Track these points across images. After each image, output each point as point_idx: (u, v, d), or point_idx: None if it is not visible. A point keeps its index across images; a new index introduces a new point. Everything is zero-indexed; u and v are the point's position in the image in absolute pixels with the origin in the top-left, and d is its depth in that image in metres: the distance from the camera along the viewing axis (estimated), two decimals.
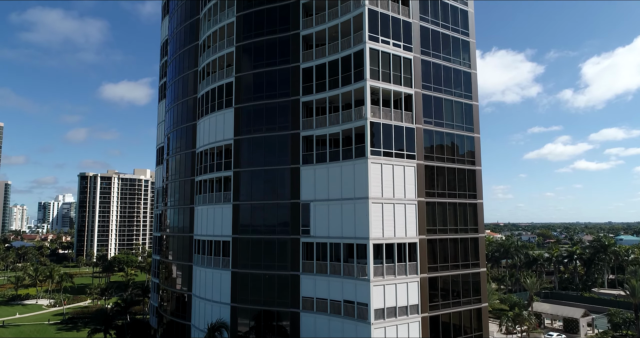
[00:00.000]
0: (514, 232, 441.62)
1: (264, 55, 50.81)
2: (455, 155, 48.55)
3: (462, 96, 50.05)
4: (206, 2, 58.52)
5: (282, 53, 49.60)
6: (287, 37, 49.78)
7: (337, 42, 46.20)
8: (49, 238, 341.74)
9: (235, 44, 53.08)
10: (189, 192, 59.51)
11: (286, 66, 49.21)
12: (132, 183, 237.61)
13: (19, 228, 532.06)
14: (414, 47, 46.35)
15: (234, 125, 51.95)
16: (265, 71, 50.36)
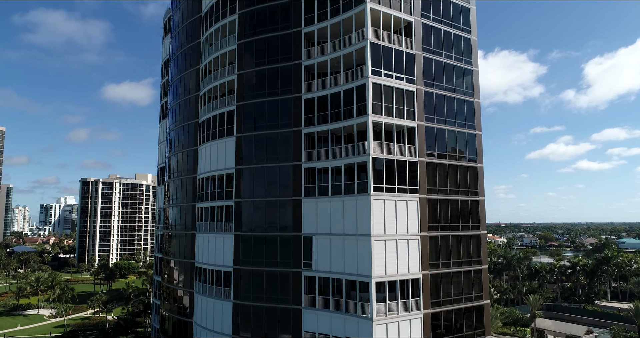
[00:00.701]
0: (516, 235, 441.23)
1: (266, 84, 50.46)
2: (459, 187, 48.16)
3: (465, 126, 49.65)
4: (207, 27, 58.11)
5: (284, 83, 49.26)
6: (289, 66, 49.41)
7: (339, 73, 45.84)
8: (50, 242, 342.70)
9: (237, 71, 52.72)
10: (190, 218, 59.22)
11: (288, 96, 48.86)
12: (133, 188, 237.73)
13: (20, 229, 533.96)
14: (417, 79, 45.96)
15: (235, 154, 51.62)
16: (267, 101, 50.02)
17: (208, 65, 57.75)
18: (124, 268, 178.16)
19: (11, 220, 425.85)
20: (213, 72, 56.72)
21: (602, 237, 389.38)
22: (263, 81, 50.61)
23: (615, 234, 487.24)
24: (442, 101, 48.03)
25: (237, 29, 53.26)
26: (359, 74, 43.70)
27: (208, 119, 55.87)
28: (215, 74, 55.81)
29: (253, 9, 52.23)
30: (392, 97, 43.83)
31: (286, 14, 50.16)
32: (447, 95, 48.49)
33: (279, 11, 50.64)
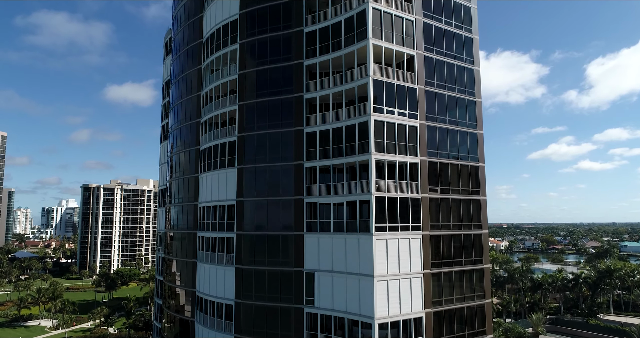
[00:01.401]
0: (517, 237, 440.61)
1: (267, 115, 50.12)
2: (462, 221, 47.81)
3: (468, 159, 49.27)
4: (208, 54, 57.70)
5: (286, 115, 48.87)
6: (291, 98, 49.04)
7: (342, 108, 45.45)
8: (52, 245, 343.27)
9: (238, 102, 52.32)
10: (191, 246, 58.89)
11: (290, 129, 48.47)
12: (134, 194, 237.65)
13: (22, 231, 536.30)
14: (420, 114, 45.58)
15: (236, 186, 51.25)
16: (269, 133, 49.69)
17: (209, 92, 57.37)
18: (126, 276, 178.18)
19: (13, 222, 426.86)
20: (214, 99, 56.36)
21: (604, 240, 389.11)
22: (265, 112, 50.25)
23: (617, 236, 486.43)
24: (445, 134, 47.63)
25: (239, 59, 52.84)
26: (361, 110, 43.28)
27: (209, 147, 55.51)
28: (217, 103, 55.44)
29: (254, 39, 51.79)
30: (395, 133, 43.42)
31: (288, 45, 49.75)
32: (450, 128, 48.11)
33: (281, 42, 50.24)
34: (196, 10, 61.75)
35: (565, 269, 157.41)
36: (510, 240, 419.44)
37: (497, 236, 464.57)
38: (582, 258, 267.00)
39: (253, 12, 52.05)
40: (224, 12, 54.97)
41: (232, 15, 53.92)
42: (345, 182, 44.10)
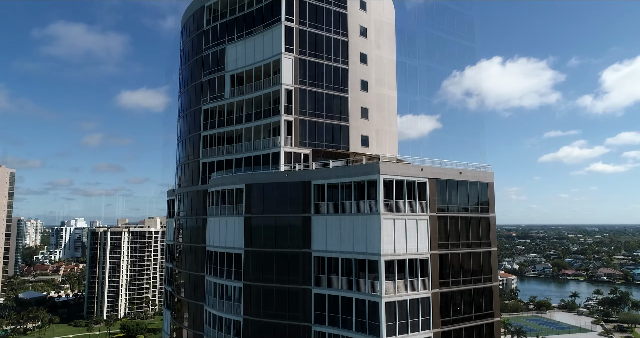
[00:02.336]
0: (528, 257, 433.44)
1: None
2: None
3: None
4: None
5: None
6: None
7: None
8: (61, 270, 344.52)
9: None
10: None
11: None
12: (142, 237, 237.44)
13: (32, 243, 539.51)
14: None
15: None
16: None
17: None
18: (132, 330, 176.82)
19: (23, 233, 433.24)
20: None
21: (616, 264, 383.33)
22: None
23: (629, 253, 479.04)
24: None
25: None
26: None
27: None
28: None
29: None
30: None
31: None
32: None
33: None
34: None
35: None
36: (520, 262, 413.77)
37: (506, 255, 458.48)
38: (596, 289, 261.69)
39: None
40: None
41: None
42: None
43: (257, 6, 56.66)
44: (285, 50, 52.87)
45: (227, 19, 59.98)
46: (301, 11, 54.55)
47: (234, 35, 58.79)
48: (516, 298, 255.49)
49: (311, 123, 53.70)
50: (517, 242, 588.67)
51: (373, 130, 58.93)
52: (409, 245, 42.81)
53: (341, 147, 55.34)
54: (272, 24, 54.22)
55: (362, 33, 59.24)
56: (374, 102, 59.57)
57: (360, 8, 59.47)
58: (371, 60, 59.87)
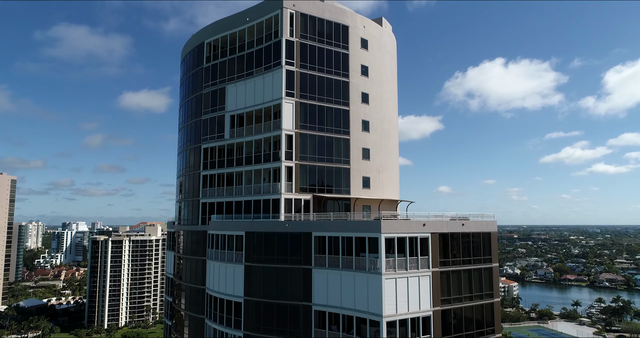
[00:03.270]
0: (529, 262, 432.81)
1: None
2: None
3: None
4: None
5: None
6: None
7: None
8: (62, 275, 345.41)
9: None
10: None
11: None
12: (142, 245, 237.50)
13: (34, 245, 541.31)
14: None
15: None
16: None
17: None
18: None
19: (24, 236, 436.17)
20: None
21: (617, 269, 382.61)
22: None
23: (630, 255, 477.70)
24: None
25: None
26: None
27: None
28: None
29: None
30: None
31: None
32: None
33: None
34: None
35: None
36: (522, 266, 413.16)
37: (507, 259, 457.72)
38: (598, 298, 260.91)
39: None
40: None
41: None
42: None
43: (257, 47, 56.00)
44: (285, 95, 52.24)
45: (227, 57, 59.32)
46: (302, 54, 53.90)
47: (234, 75, 58.14)
48: (518, 306, 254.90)
49: (312, 168, 53.10)
50: (518, 245, 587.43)
51: (374, 170, 58.31)
52: (411, 304, 42.20)
53: (342, 190, 54.75)
54: (273, 67, 53.57)
55: (364, 72, 58.57)
56: (376, 141, 58.94)
57: (362, 47, 58.77)
58: (373, 99, 59.22)
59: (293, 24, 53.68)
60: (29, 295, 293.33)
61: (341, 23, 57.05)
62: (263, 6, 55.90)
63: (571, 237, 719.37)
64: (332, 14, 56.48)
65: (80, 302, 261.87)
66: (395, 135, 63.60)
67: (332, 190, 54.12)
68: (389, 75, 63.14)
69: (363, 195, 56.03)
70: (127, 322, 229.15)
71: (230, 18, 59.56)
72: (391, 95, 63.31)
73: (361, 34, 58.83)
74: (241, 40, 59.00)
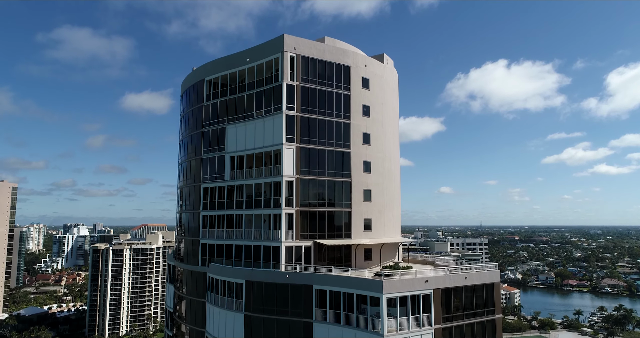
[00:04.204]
0: (531, 266, 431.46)
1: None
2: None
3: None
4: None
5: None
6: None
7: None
8: (63, 280, 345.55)
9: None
10: None
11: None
12: (143, 253, 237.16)
13: (35, 247, 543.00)
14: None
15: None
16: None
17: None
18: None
19: (26, 238, 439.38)
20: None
21: (619, 274, 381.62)
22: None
23: (632, 258, 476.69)
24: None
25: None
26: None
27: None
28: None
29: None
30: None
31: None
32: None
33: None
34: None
35: None
36: (523, 270, 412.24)
37: (509, 263, 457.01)
38: (600, 306, 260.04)
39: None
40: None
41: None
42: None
43: (257, 89, 55.30)
44: (286, 140, 51.58)
45: (227, 97, 58.65)
46: (303, 97, 53.22)
47: (234, 116, 57.49)
48: (519, 315, 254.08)
49: (313, 213, 52.47)
50: (519, 247, 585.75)
51: (376, 211, 57.68)
52: None
53: (343, 234, 54.11)
54: (273, 112, 52.89)
55: (365, 112, 57.91)
56: (377, 181, 58.30)
57: (363, 86, 58.09)
58: (374, 139, 58.55)
59: (294, 67, 52.99)
60: (30, 301, 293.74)
61: (342, 63, 56.37)
62: (263, 48, 55.22)
63: (573, 238, 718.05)
64: (333, 55, 55.80)
65: (81, 309, 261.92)
66: (396, 173, 62.94)
67: (334, 235, 53.47)
68: (390, 112, 62.46)
69: (364, 238, 55.43)
70: (128, 331, 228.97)
71: (231, 57, 58.87)
72: (392, 132, 62.64)
73: (362, 73, 58.16)
74: (241, 80, 58.36)
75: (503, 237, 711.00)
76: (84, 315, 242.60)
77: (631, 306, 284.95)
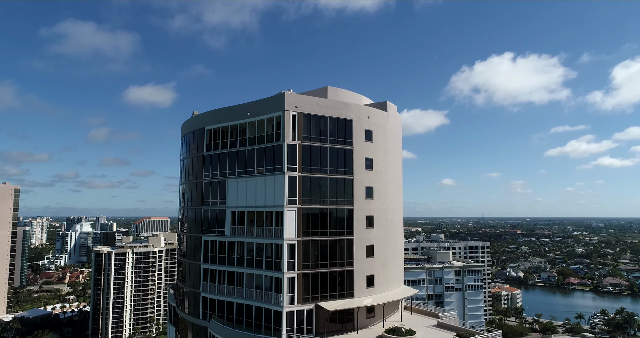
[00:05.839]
0: (533, 263, 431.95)
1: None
2: None
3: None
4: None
5: None
6: None
7: None
8: (66, 278, 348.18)
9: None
10: None
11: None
12: (145, 256, 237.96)
13: (38, 241, 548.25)
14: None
15: None
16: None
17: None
18: None
19: (30, 232, 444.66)
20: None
21: (621, 273, 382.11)
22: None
23: (634, 254, 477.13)
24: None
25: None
26: None
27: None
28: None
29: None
30: None
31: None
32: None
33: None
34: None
35: None
36: (525, 268, 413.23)
37: (511, 260, 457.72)
38: (601, 309, 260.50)
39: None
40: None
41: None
42: None
43: (258, 145, 54.22)
44: (287, 203, 50.67)
45: (227, 150, 57.60)
46: (304, 157, 52.18)
47: (234, 170, 56.51)
48: (521, 317, 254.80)
49: (315, 275, 51.75)
50: (521, 242, 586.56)
51: (379, 267, 56.97)
52: None
53: (346, 294, 53.45)
54: (275, 172, 51.87)
55: (368, 166, 56.89)
56: (380, 236, 57.51)
57: (366, 139, 57.03)
58: (377, 192, 57.63)
59: (295, 126, 51.86)
60: (33, 301, 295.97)
61: (345, 118, 55.22)
62: (265, 104, 54.07)
63: (575, 232, 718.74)
64: (335, 110, 54.62)
65: (84, 310, 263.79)
66: (400, 223, 62.14)
67: (336, 295, 52.81)
68: (393, 161, 61.44)
69: (367, 294, 54.80)
70: (131, 334, 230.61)
71: (232, 109, 57.74)
72: (396, 182, 61.67)
73: (365, 126, 57.02)
74: (242, 133, 57.27)
75: (505, 232, 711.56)
76: (87, 316, 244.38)
77: (633, 306, 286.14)
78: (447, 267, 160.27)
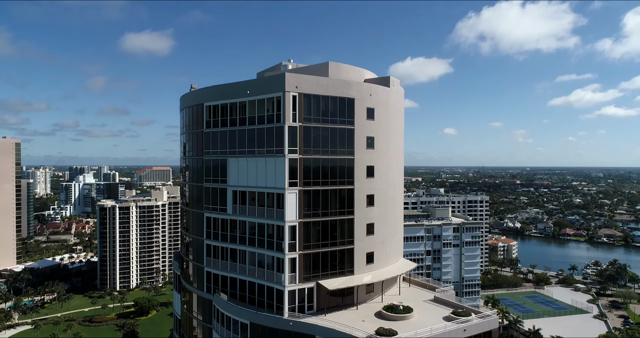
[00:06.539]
0: (530, 214, 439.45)
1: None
2: None
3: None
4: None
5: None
6: None
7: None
8: (72, 229, 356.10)
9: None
10: None
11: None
12: (149, 210, 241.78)
13: (42, 191, 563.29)
14: None
15: None
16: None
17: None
18: (144, 306, 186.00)
19: (34, 183, 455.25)
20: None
21: (616, 224, 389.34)
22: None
23: (631, 205, 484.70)
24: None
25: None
26: None
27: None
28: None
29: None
30: None
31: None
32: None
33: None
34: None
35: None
36: (522, 219, 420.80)
37: (509, 210, 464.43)
38: (594, 261, 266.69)
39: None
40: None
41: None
42: None
43: (258, 125, 53.59)
44: (289, 185, 50.85)
45: (227, 128, 56.99)
46: (305, 138, 51.70)
47: (235, 149, 56.23)
48: (516, 268, 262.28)
49: (316, 255, 52.83)
50: (520, 192, 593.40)
51: (378, 244, 58.05)
52: None
53: (346, 271, 54.82)
54: (275, 154, 51.63)
55: (369, 145, 56.64)
56: (380, 215, 58.16)
57: (368, 117, 56.35)
58: (378, 171, 57.69)
59: (296, 107, 51.04)
60: (42, 251, 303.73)
61: (346, 96, 54.27)
62: (265, 83, 52.98)
63: (573, 182, 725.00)
64: (336, 89, 53.57)
65: (92, 261, 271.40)
66: (400, 201, 62.69)
67: (336, 273, 54.18)
68: (394, 137, 61.03)
69: (367, 271, 56.25)
70: (139, 283, 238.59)
71: (230, 86, 56.57)
72: (397, 159, 61.57)
73: (367, 104, 56.16)
74: (242, 111, 56.45)
75: (504, 181, 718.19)
76: (95, 267, 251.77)
77: (626, 257, 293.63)
78: (446, 224, 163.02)
